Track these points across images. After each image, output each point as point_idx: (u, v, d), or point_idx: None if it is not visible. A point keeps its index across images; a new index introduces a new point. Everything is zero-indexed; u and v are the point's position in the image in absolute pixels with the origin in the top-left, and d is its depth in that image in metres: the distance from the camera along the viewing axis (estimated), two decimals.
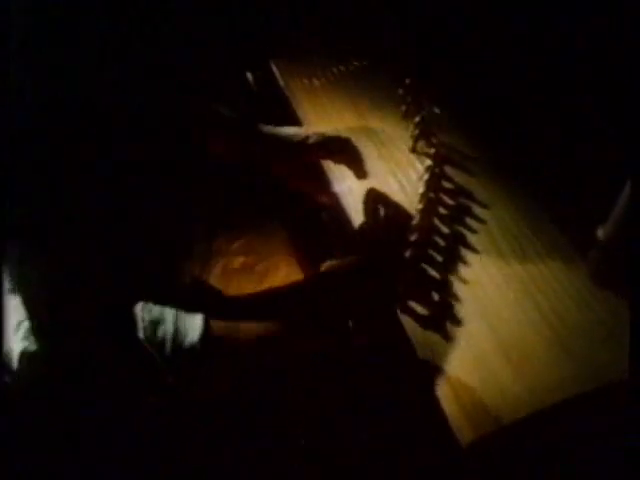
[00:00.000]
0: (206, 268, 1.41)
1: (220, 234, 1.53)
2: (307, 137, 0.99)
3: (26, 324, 0.56)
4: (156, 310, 0.63)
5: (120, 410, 0.62)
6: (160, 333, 0.61)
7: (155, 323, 0.62)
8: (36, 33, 0.60)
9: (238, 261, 1.50)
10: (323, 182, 1.08)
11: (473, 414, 0.73)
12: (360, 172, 1.02)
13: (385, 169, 1.08)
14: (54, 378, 0.57)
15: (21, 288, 0.57)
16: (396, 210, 0.99)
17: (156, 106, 0.85)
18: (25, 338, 0.55)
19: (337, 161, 1.04)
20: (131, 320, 0.61)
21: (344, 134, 1.03)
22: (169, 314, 0.63)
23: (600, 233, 0.81)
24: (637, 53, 0.83)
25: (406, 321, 0.83)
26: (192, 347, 0.62)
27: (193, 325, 0.64)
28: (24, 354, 0.55)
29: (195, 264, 1.43)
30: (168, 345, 0.61)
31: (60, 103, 0.60)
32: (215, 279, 1.46)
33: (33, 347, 0.55)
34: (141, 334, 0.61)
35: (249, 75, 1.54)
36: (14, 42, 0.58)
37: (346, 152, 1.01)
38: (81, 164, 0.63)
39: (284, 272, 1.44)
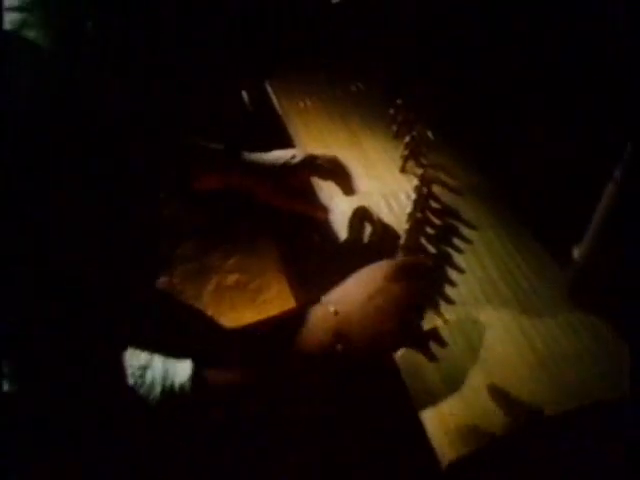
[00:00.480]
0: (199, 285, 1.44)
1: (214, 251, 1.55)
2: (292, 157, 1.00)
3: None
4: (144, 355, 0.63)
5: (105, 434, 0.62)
6: (148, 377, 0.61)
7: (143, 368, 0.62)
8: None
9: (232, 278, 1.52)
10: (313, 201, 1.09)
11: (455, 434, 0.73)
12: (347, 188, 1.02)
13: (374, 189, 1.09)
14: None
15: None
16: (383, 228, 1.00)
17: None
18: None
19: (324, 177, 1.04)
20: (119, 367, 0.62)
21: (332, 153, 1.04)
22: (157, 358, 0.63)
23: (575, 253, 0.82)
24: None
25: None
26: (182, 387, 0.62)
27: (182, 365, 0.64)
28: None
29: (189, 282, 1.46)
30: (157, 388, 0.61)
31: (61, 103, 0.60)
32: (209, 295, 1.48)
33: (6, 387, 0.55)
34: (130, 380, 0.61)
35: (245, 94, 1.55)
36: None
37: (333, 168, 1.01)
38: (80, 169, 0.63)
39: (276, 290, 1.45)
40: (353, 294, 0.75)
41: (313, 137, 1.23)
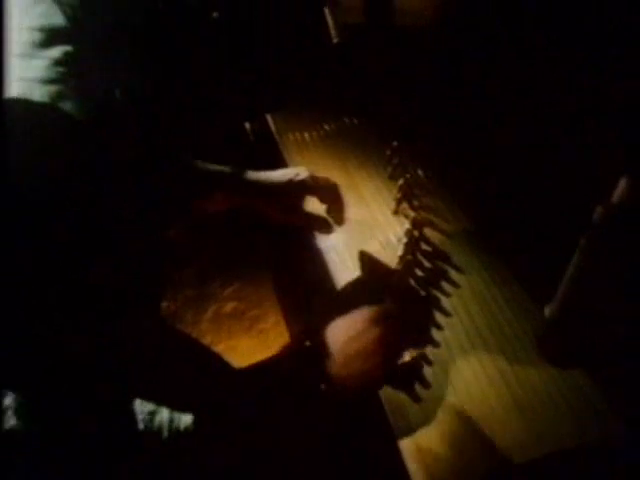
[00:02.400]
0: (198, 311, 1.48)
1: (213, 279, 1.60)
2: (296, 174, 1.04)
3: (3, 406, 0.60)
4: (150, 405, 0.69)
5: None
6: (157, 422, 0.68)
7: (152, 414, 0.68)
8: None
9: (230, 306, 1.56)
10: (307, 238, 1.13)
11: (435, 471, 0.77)
12: (339, 216, 1.06)
13: (367, 230, 1.13)
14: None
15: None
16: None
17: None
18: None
19: (322, 199, 1.07)
20: (130, 413, 0.68)
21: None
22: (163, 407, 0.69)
23: (547, 312, 0.86)
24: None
25: None
26: (186, 429, 0.68)
27: None
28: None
29: (187, 308, 1.50)
30: (165, 432, 0.67)
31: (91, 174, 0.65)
32: (207, 322, 1.52)
33: (10, 423, 0.60)
34: (141, 425, 0.67)
35: (247, 125, 1.60)
36: None
37: (331, 193, 1.06)
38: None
39: (273, 320, 1.49)
40: (335, 338, 0.81)
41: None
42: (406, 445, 0.80)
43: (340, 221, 1.07)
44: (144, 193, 0.81)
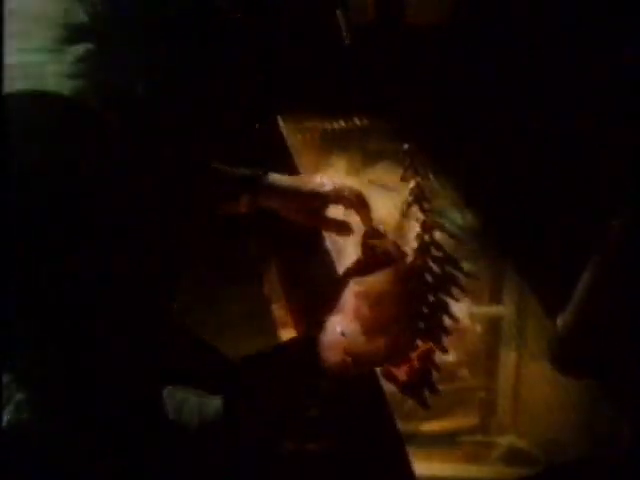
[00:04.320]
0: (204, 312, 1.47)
1: (219, 279, 1.59)
2: (321, 185, 1.04)
3: (16, 399, 0.60)
4: (179, 393, 0.70)
5: None
6: (186, 411, 0.68)
7: (181, 404, 0.69)
8: None
9: (236, 307, 1.55)
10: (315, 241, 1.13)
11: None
12: (367, 219, 1.06)
13: None
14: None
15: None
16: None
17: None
18: (13, 412, 0.60)
19: (347, 207, 1.07)
20: (159, 407, 0.68)
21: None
22: (191, 393, 0.71)
23: (559, 322, 0.85)
24: None
25: (386, 386, 0.87)
26: (216, 413, 0.69)
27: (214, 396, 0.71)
28: (11, 422, 0.59)
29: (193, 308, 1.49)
30: (195, 419, 0.68)
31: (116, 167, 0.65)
32: (213, 323, 1.51)
33: (23, 417, 0.60)
34: (171, 416, 0.67)
35: (257, 126, 1.60)
36: None
37: (356, 202, 1.05)
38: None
39: (279, 320, 1.49)
40: (356, 313, 0.82)
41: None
42: (414, 450, 0.80)
43: (368, 223, 1.07)
44: (167, 192, 0.80)
